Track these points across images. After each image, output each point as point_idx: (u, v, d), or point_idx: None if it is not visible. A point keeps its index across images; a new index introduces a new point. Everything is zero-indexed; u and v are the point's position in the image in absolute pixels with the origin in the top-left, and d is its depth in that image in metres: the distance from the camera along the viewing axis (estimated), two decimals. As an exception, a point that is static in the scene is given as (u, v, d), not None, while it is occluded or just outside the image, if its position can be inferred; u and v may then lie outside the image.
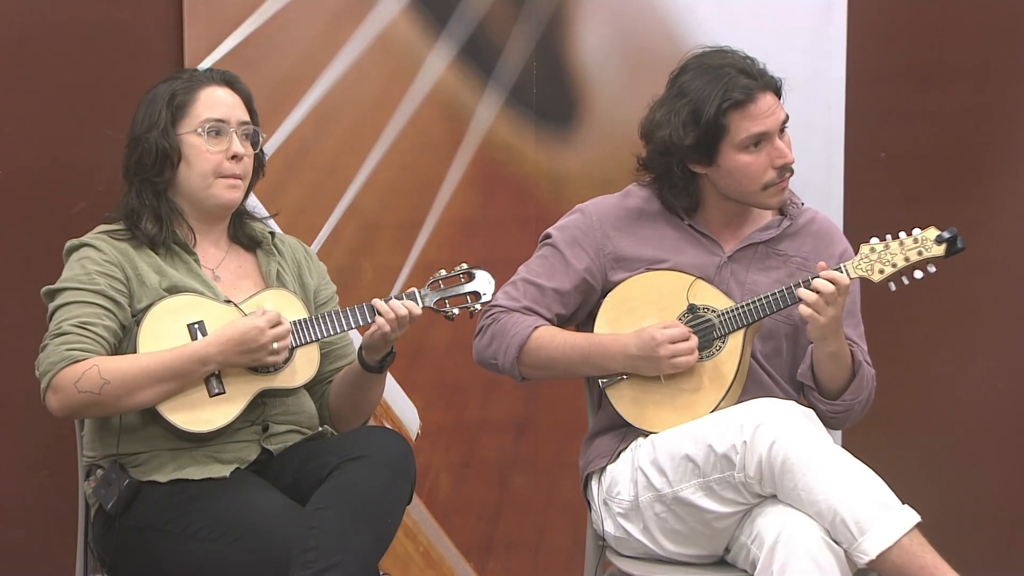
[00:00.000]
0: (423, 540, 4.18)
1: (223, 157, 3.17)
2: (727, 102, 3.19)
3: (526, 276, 3.35)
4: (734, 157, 3.23)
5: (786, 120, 3.26)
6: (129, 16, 3.83)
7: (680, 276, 3.27)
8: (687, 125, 3.22)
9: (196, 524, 2.99)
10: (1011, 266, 4.58)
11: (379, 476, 2.97)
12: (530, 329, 3.27)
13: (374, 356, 3.21)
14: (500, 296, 3.33)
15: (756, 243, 3.32)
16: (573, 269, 3.32)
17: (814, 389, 3.27)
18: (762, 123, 3.21)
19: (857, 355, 3.26)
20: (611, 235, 3.33)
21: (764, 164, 3.24)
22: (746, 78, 3.22)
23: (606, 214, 3.35)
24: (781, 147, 3.24)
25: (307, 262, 3.36)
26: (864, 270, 3.17)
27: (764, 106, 3.22)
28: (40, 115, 3.78)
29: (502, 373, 3.33)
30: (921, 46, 4.48)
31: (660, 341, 3.16)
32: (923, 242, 3.16)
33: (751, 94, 3.21)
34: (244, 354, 3.05)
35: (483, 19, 4.12)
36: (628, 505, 3.22)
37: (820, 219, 3.40)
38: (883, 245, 3.18)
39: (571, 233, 3.34)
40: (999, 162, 4.55)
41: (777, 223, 3.34)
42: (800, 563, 2.95)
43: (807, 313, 3.13)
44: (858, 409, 3.27)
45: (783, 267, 3.32)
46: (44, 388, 3.02)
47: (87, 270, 3.09)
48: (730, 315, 3.21)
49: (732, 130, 3.21)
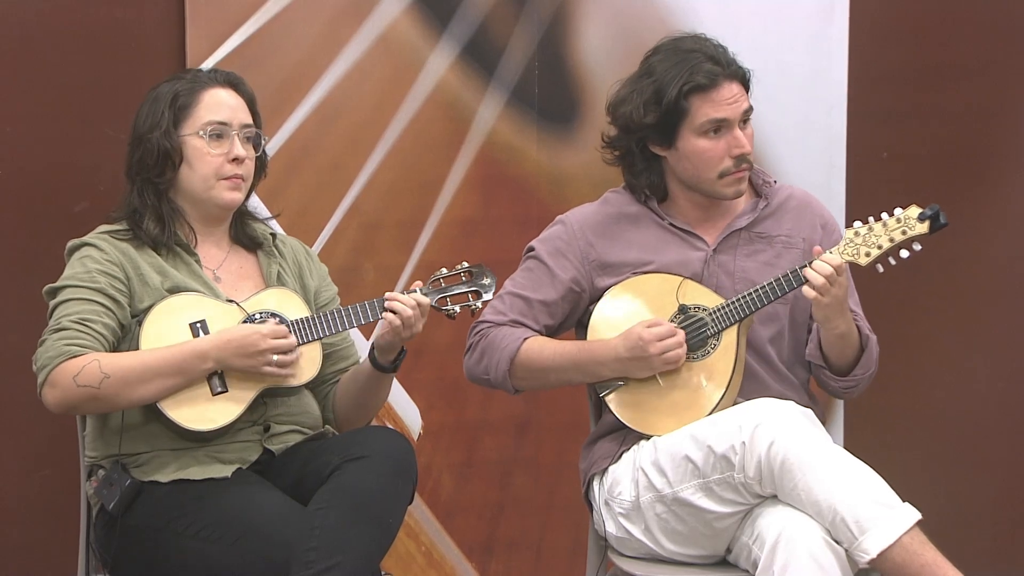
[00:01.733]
0: (425, 540, 4.18)
1: (224, 159, 3.16)
2: (689, 84, 3.22)
3: (512, 290, 3.35)
4: (693, 141, 3.24)
5: (748, 111, 3.28)
6: (130, 16, 3.83)
7: (668, 278, 3.27)
8: (649, 104, 3.25)
9: (198, 524, 2.99)
10: (1012, 266, 4.58)
11: (381, 476, 2.97)
12: (519, 341, 3.28)
13: (387, 356, 3.21)
14: (488, 312, 3.34)
15: (737, 230, 3.33)
16: (559, 280, 3.32)
17: (825, 368, 3.28)
18: (723, 110, 3.23)
19: (863, 329, 3.27)
20: (593, 242, 3.34)
21: (722, 152, 3.25)
22: (712, 64, 3.24)
23: (586, 222, 3.36)
24: (739, 136, 3.25)
25: (308, 263, 3.36)
26: (851, 254, 3.18)
27: (727, 93, 3.24)
28: (41, 115, 3.78)
29: (495, 387, 3.34)
30: (923, 46, 4.48)
31: (648, 340, 3.16)
32: (906, 221, 3.17)
33: (715, 80, 3.23)
34: (241, 356, 3.05)
35: (485, 19, 4.13)
36: (629, 505, 3.22)
37: (797, 193, 3.42)
38: (866, 228, 3.18)
39: (554, 244, 3.35)
40: (1001, 162, 4.56)
41: (753, 206, 3.35)
42: (801, 563, 2.95)
43: (812, 296, 3.14)
44: (867, 379, 3.30)
45: (769, 248, 3.33)
46: (41, 383, 3.02)
47: (88, 268, 3.09)
48: (721, 312, 3.22)
49: (692, 113, 3.23)
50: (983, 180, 4.53)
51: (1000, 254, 4.54)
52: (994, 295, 4.58)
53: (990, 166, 4.56)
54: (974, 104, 4.52)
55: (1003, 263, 4.56)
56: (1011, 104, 4.56)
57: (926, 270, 3.40)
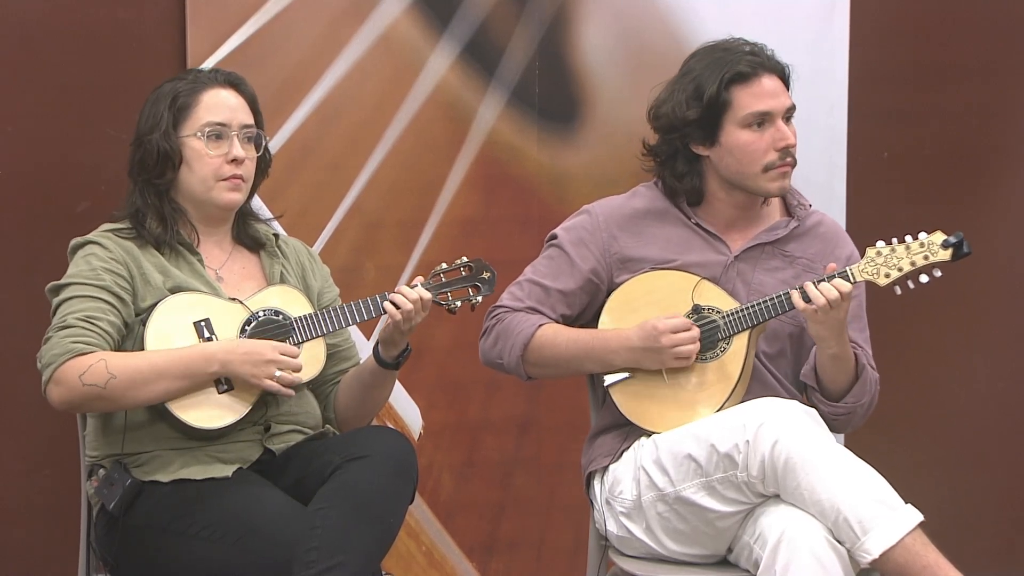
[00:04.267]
0: (425, 540, 4.18)
1: (223, 161, 3.16)
2: (729, 74, 3.21)
3: (531, 277, 3.35)
4: (736, 134, 3.24)
5: (792, 109, 3.27)
6: (132, 16, 3.83)
7: (685, 276, 3.27)
8: (691, 100, 3.24)
9: (199, 524, 2.99)
10: (1013, 266, 4.59)
11: (381, 476, 2.97)
12: (534, 327, 3.28)
13: (391, 351, 3.21)
14: (505, 297, 3.34)
15: (763, 243, 3.32)
16: (579, 269, 3.32)
17: (816, 390, 3.27)
18: (765, 102, 3.23)
19: (861, 358, 3.26)
20: (617, 235, 3.33)
21: (766, 144, 3.24)
22: (752, 56, 3.24)
23: (612, 214, 3.35)
24: (784, 128, 3.25)
25: (311, 264, 3.35)
26: (870, 274, 3.16)
27: (769, 85, 3.24)
28: (42, 115, 3.78)
29: (508, 372, 3.34)
30: (924, 45, 4.49)
31: (662, 331, 3.16)
32: (929, 246, 3.15)
33: (755, 69, 3.23)
34: (248, 364, 3.04)
35: (485, 19, 4.13)
36: (631, 504, 3.22)
37: (828, 222, 3.40)
38: (889, 249, 3.17)
39: (577, 233, 3.35)
40: (1002, 162, 4.56)
41: (784, 224, 3.34)
42: (803, 563, 2.95)
43: (809, 312, 3.13)
44: (860, 413, 3.27)
45: (789, 268, 3.32)
46: (46, 380, 3.01)
47: (92, 266, 3.09)
48: (735, 316, 3.21)
49: (735, 105, 3.22)
50: (984, 180, 4.54)
51: (1000, 254, 4.54)
52: (995, 295, 4.58)
53: (990, 166, 4.56)
54: (974, 104, 4.52)
55: (1003, 263, 4.56)
56: (1011, 104, 4.56)
57: (926, 270, 3.39)
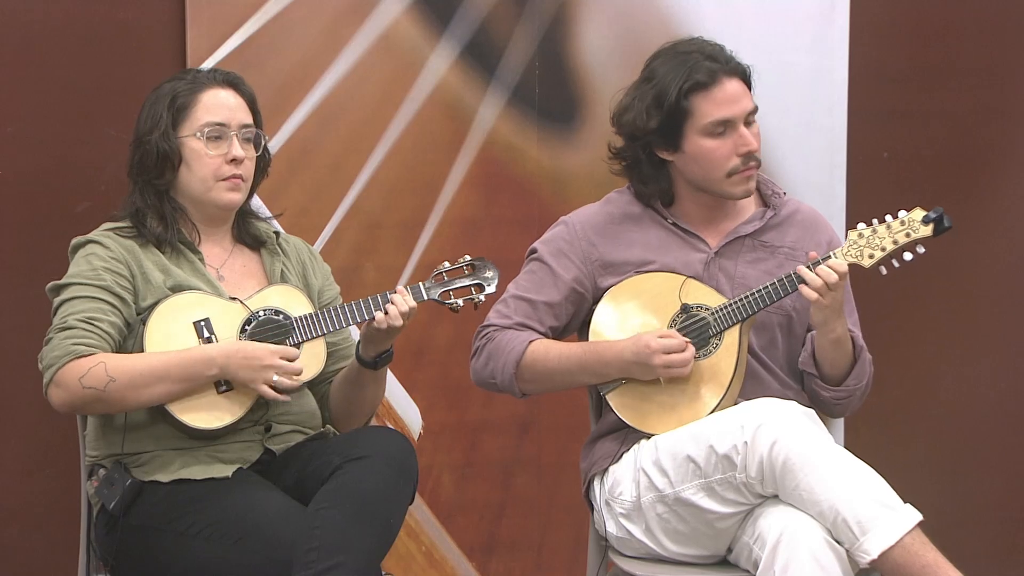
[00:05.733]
0: (425, 540, 4.18)
1: (222, 161, 3.16)
2: (688, 83, 3.21)
3: (516, 292, 3.35)
4: (698, 142, 3.24)
5: (754, 111, 3.27)
6: (132, 16, 3.83)
7: (671, 276, 3.27)
8: (651, 109, 3.24)
9: (199, 524, 2.99)
10: (1014, 266, 4.59)
11: (381, 476, 2.97)
12: (525, 344, 3.28)
13: (370, 351, 3.21)
14: (492, 315, 3.34)
15: (742, 236, 3.33)
16: (562, 280, 3.32)
17: (816, 376, 3.28)
18: (725, 109, 3.23)
19: (858, 340, 3.27)
20: (596, 242, 3.33)
21: (728, 150, 3.25)
22: (711, 62, 3.23)
23: (588, 222, 3.36)
24: (746, 134, 3.25)
25: (312, 263, 3.36)
26: (854, 256, 3.17)
27: (729, 91, 3.23)
28: (43, 115, 3.77)
29: (502, 391, 3.34)
30: (924, 46, 4.49)
31: (655, 350, 3.16)
32: (910, 224, 3.17)
33: (714, 76, 3.22)
34: (245, 368, 3.04)
35: (485, 19, 4.13)
36: (630, 505, 3.22)
37: (804, 209, 3.41)
38: (870, 230, 3.19)
39: (556, 245, 3.35)
40: (1002, 162, 4.56)
41: (761, 215, 3.35)
42: (802, 563, 2.95)
43: (813, 298, 3.13)
44: (859, 395, 3.29)
45: (771, 258, 3.33)
46: (47, 382, 3.02)
47: (93, 266, 3.09)
48: (724, 312, 3.21)
49: (695, 114, 3.22)
50: (983, 180, 4.54)
51: (1001, 254, 4.54)
52: (995, 295, 4.58)
53: (990, 166, 4.56)
54: (974, 104, 4.52)
55: (1004, 263, 4.57)
56: (1011, 104, 4.56)
57: (926, 270, 3.40)
